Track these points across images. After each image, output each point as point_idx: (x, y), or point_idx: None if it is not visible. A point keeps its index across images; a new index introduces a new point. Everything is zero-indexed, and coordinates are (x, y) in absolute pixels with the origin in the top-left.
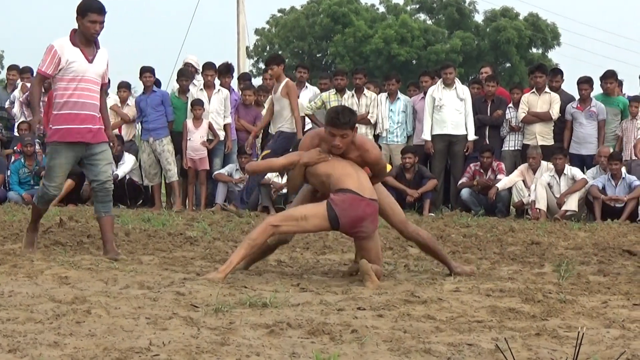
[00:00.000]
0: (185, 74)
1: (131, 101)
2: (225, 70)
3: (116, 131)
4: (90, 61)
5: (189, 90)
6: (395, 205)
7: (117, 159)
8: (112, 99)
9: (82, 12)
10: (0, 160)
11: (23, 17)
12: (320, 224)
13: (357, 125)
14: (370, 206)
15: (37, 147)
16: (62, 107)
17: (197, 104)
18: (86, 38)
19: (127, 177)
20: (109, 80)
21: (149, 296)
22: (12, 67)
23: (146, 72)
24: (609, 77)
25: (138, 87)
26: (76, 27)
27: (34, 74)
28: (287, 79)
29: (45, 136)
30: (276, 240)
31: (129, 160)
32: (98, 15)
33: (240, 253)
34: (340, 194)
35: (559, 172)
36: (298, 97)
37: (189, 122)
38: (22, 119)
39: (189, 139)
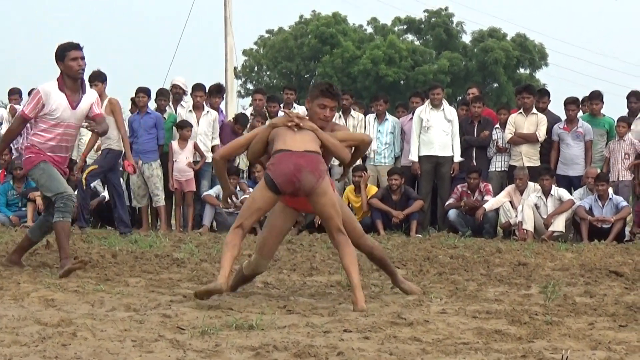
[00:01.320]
0: (164, 93)
1: None
2: (216, 91)
3: None
4: (74, 107)
5: (166, 110)
6: (353, 218)
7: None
8: None
9: (60, 55)
10: None
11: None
12: (265, 195)
13: None
14: (304, 157)
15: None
16: (40, 145)
17: (186, 125)
18: (73, 79)
19: None
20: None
21: (135, 318)
22: None
23: (140, 92)
24: (595, 97)
25: (124, 108)
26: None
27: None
28: (109, 96)
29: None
30: (251, 270)
31: None
32: (77, 51)
33: (227, 256)
34: (272, 158)
35: (546, 193)
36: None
37: (175, 144)
38: None
39: (175, 160)
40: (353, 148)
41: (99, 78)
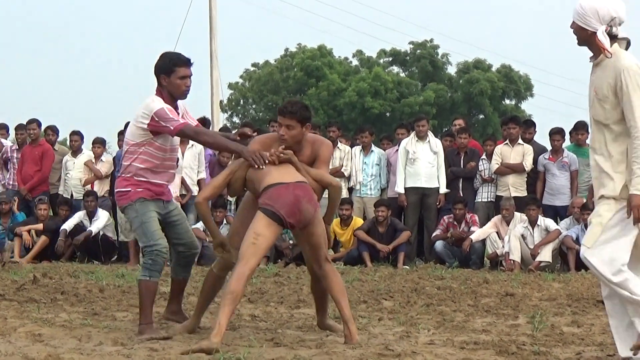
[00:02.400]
0: None
1: (105, 157)
2: (201, 124)
3: (89, 187)
4: None
5: None
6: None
7: (91, 215)
8: (86, 154)
9: (167, 69)
10: None
11: None
12: (272, 230)
13: (310, 123)
14: (299, 187)
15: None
16: (143, 173)
17: None
18: (173, 98)
19: (101, 232)
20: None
21: (122, 353)
22: None
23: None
24: (580, 128)
25: (112, 143)
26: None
27: (176, 133)
28: None
29: (19, 194)
30: (222, 266)
31: (102, 216)
32: (186, 69)
33: (226, 311)
34: (265, 194)
35: (533, 223)
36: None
37: None
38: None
39: None
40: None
41: None
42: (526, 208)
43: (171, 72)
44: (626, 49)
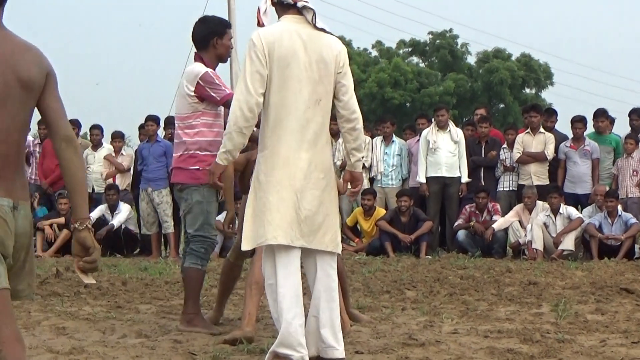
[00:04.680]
0: (172, 122)
1: (125, 150)
2: None
3: (110, 180)
4: None
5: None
6: None
7: (113, 208)
8: (106, 148)
9: (220, 31)
10: None
11: None
12: None
13: None
14: None
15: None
16: (207, 146)
17: None
18: (216, 63)
19: (123, 226)
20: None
21: (146, 345)
22: None
23: (150, 120)
24: (600, 115)
25: (133, 136)
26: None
27: (223, 103)
28: None
29: (40, 189)
30: (235, 255)
31: (124, 209)
32: (230, 30)
33: (254, 300)
34: None
35: (555, 211)
36: None
37: None
38: None
39: None
40: None
41: None
42: (548, 196)
43: (224, 33)
44: (312, 19)
